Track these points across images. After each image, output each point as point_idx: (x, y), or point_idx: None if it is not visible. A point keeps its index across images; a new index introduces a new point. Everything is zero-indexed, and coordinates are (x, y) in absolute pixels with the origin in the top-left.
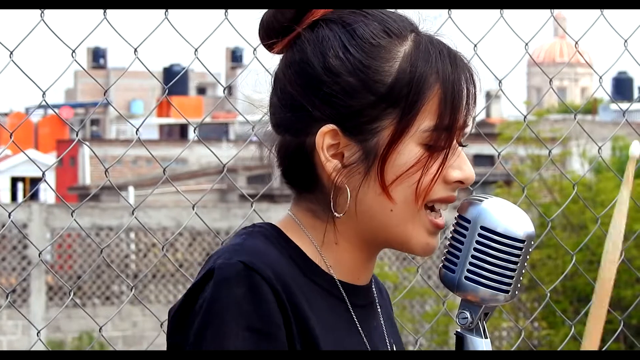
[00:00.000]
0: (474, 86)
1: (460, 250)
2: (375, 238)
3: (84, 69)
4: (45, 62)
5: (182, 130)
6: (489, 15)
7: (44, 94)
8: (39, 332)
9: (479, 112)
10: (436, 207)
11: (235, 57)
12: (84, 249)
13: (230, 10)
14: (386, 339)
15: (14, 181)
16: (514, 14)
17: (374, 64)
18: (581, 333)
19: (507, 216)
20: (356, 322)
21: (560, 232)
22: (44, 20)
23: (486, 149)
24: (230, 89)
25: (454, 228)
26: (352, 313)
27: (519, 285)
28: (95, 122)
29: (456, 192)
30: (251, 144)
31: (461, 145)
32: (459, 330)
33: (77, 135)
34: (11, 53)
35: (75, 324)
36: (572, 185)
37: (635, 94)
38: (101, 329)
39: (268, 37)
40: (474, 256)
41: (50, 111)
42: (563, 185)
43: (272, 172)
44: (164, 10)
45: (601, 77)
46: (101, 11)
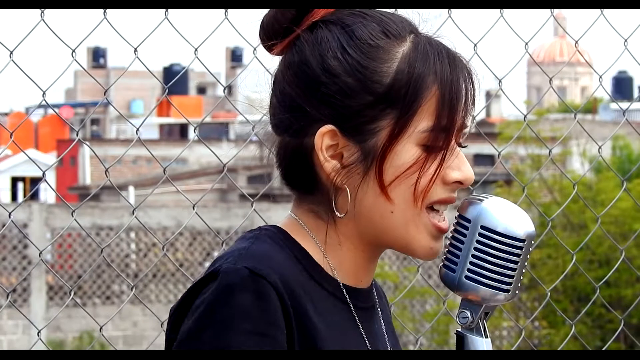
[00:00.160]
0: (473, 87)
1: (460, 249)
2: (377, 239)
3: (84, 68)
4: (45, 62)
5: (182, 130)
6: (489, 15)
7: (44, 93)
8: (39, 331)
9: (479, 111)
10: (436, 207)
11: (235, 56)
12: (84, 248)
13: (230, 10)
14: (387, 341)
15: (14, 181)
16: (514, 14)
17: (372, 64)
18: (581, 332)
19: (507, 216)
20: (359, 324)
21: (561, 231)
22: (44, 20)
23: (486, 148)
24: (230, 89)
25: (454, 228)
26: (355, 315)
27: (520, 285)
28: (95, 121)
29: (456, 193)
30: (251, 143)
31: (460, 146)
32: (460, 329)
33: (77, 135)
34: (11, 53)
35: (75, 324)
36: (572, 185)
37: (636, 94)
38: (102, 328)
39: (268, 39)
40: (474, 256)
41: (51, 111)
42: (563, 185)
43: (272, 172)
44: (164, 10)
45: (601, 77)
46: (101, 11)
